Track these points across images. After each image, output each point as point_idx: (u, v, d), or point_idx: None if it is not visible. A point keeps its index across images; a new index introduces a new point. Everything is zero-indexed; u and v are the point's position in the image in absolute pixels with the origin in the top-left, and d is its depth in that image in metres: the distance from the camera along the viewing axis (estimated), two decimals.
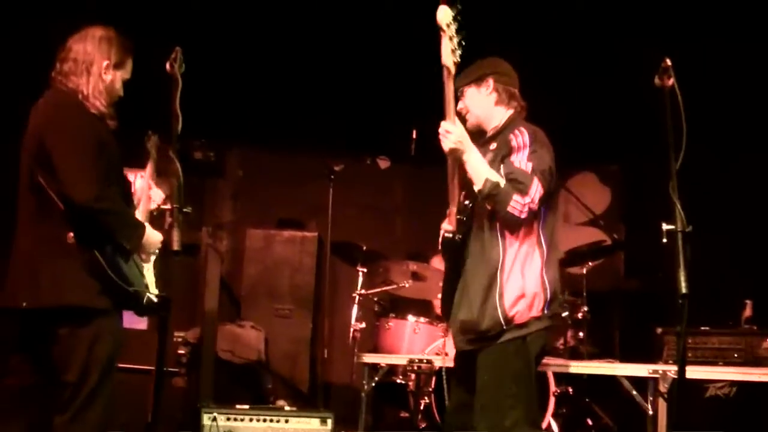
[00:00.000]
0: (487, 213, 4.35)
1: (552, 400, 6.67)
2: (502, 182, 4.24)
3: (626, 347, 7.80)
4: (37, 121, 4.24)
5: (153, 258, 4.61)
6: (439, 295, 4.83)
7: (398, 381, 7.15)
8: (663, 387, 5.82)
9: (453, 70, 4.30)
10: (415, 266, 7.42)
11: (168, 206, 4.19)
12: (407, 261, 7.54)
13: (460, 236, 4.51)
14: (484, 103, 4.66)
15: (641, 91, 4.39)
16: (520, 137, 4.37)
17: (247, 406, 5.97)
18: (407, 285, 7.36)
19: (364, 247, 7.45)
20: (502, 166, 4.32)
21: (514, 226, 4.29)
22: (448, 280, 4.64)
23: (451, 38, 4.24)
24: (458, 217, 4.54)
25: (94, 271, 4.12)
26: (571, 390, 7.04)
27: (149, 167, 4.90)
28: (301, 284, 8.35)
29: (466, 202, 4.52)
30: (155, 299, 4.49)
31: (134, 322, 6.80)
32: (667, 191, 3.91)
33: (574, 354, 7.02)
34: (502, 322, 4.25)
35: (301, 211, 9.00)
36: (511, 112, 4.63)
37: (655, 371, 5.81)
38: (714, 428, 5.65)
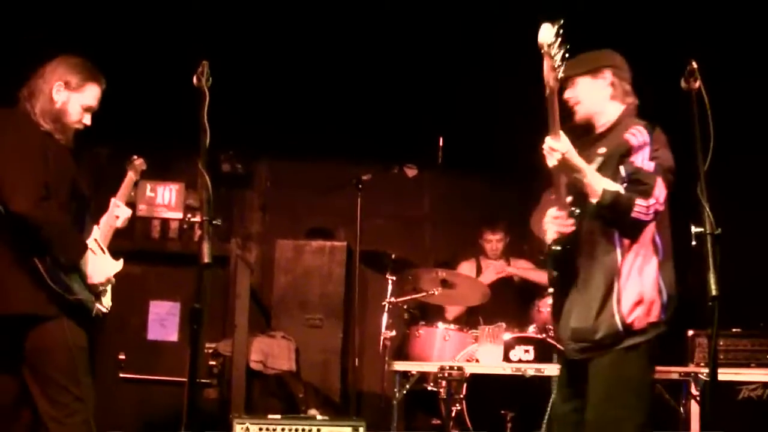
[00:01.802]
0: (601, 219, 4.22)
1: None
2: (621, 189, 4.10)
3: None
4: None
5: (111, 269, 4.65)
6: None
7: (429, 388, 7.14)
8: (695, 389, 5.81)
9: (555, 87, 4.12)
10: (444, 273, 7.41)
11: (197, 219, 4.23)
12: (436, 268, 7.53)
13: (569, 246, 4.36)
14: (599, 97, 4.48)
15: (664, 92, 4.38)
16: (640, 135, 4.20)
17: (279, 416, 5.99)
18: (436, 292, 7.35)
19: (393, 256, 7.45)
20: (621, 167, 4.18)
21: (634, 230, 4.16)
22: (558, 289, 4.52)
23: (552, 56, 4.02)
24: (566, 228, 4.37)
25: (35, 279, 4.18)
26: None
27: (122, 187, 4.95)
28: (331, 294, 8.35)
29: (573, 209, 4.36)
30: (105, 311, 4.54)
31: (165, 334, 6.86)
32: (694, 192, 3.92)
33: None
34: (621, 329, 4.12)
35: (329, 221, 9.01)
36: (623, 108, 4.45)
37: (687, 374, 5.79)
38: (747, 430, 5.64)
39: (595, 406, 4.16)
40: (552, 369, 6.44)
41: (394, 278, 7.45)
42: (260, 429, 5.82)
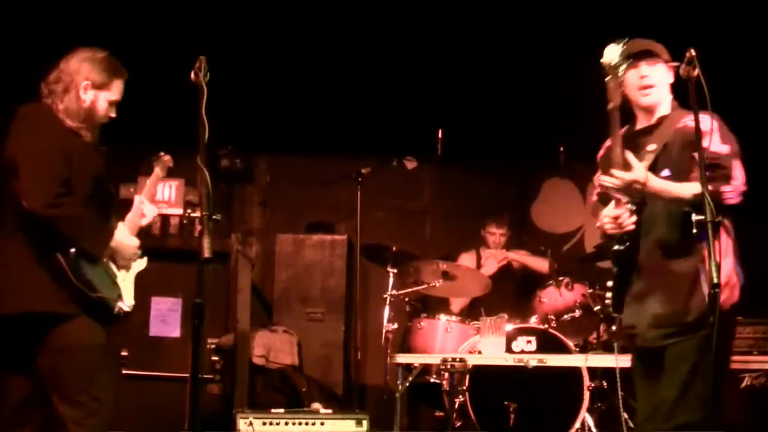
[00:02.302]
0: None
1: (587, 395, 6.66)
2: (697, 187, 3.97)
3: None
4: (11, 133, 4.33)
5: (135, 266, 4.65)
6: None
7: (432, 380, 7.15)
8: None
9: (619, 103, 4.13)
10: (445, 265, 7.41)
11: (197, 214, 4.22)
12: (437, 260, 7.53)
13: (629, 242, 4.33)
14: (666, 89, 4.43)
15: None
16: (705, 122, 4.12)
17: (282, 410, 6.00)
18: (438, 284, 7.35)
19: (394, 248, 7.46)
20: (695, 154, 4.08)
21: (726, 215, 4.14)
22: (618, 283, 4.45)
23: (618, 75, 4.05)
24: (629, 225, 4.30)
25: (57, 276, 4.17)
26: (605, 384, 7.03)
27: (148, 184, 4.94)
28: (333, 287, 8.36)
29: (631, 206, 4.30)
30: (127, 309, 4.53)
31: (167, 330, 6.85)
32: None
33: (607, 348, 7.00)
34: (709, 308, 3.97)
35: (329, 215, 9.02)
36: (671, 100, 4.45)
37: None
38: (750, 418, 5.64)
39: (684, 383, 4.09)
40: (555, 359, 6.44)
41: (395, 271, 7.46)
42: (263, 423, 5.84)
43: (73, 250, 4.20)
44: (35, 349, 4.23)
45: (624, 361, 6.37)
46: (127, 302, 4.53)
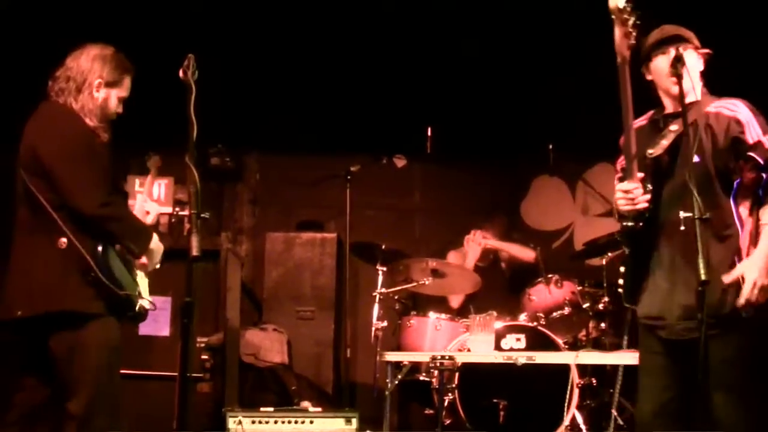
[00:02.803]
0: (711, 184, 4.05)
1: (576, 393, 6.68)
2: None
3: None
4: (31, 131, 4.33)
5: (155, 265, 4.67)
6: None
7: (422, 378, 7.16)
8: None
9: (628, 56, 3.95)
10: (434, 263, 7.41)
11: (186, 213, 4.24)
12: (427, 258, 7.53)
13: (642, 224, 4.21)
14: (697, 75, 4.30)
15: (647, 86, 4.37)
16: (740, 110, 4.11)
17: (272, 409, 5.99)
18: (427, 282, 7.35)
19: (384, 246, 7.46)
20: (752, 152, 4.04)
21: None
22: (632, 267, 4.37)
23: (624, 21, 3.84)
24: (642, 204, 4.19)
25: (86, 275, 4.18)
26: (595, 382, 7.05)
27: (146, 183, 4.96)
28: (323, 286, 8.36)
29: (648, 185, 4.18)
30: (148, 306, 4.54)
31: (157, 329, 6.85)
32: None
33: (597, 345, 7.02)
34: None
35: (319, 213, 9.02)
36: (701, 87, 4.31)
37: None
38: None
39: (739, 387, 3.97)
40: (544, 357, 6.45)
41: (384, 269, 7.46)
42: (253, 422, 5.83)
43: (100, 247, 4.21)
44: (57, 347, 4.24)
45: (614, 359, 6.43)
46: (146, 299, 4.56)
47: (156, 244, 4.60)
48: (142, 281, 4.61)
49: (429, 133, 7.54)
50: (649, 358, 4.35)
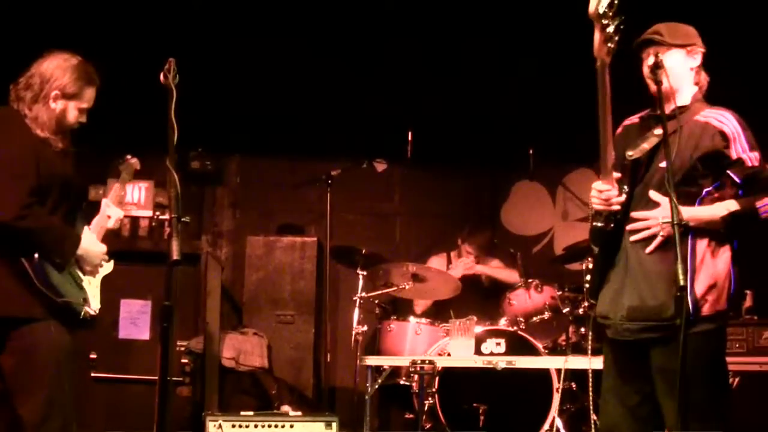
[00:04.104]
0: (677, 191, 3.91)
1: (556, 397, 6.69)
2: (732, 205, 3.98)
3: None
4: None
5: (102, 270, 4.65)
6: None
7: (402, 382, 7.17)
8: None
9: (608, 61, 3.83)
10: (414, 268, 7.42)
11: (166, 216, 4.23)
12: (407, 263, 7.54)
13: (613, 225, 4.14)
14: (685, 76, 4.21)
15: (639, 84, 4.35)
16: (728, 123, 4.05)
17: (251, 413, 5.99)
18: (407, 287, 7.36)
19: (364, 251, 7.46)
20: (730, 170, 4.01)
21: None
22: (598, 266, 4.31)
23: (604, 27, 3.71)
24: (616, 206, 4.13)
25: (22, 280, 4.16)
26: (574, 386, 7.06)
27: (115, 187, 4.92)
28: (303, 290, 8.35)
29: (623, 187, 4.13)
30: (93, 313, 4.52)
31: (136, 333, 6.83)
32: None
33: (577, 350, 7.03)
34: (691, 311, 3.85)
35: (300, 217, 9.02)
36: (695, 90, 4.24)
37: None
38: None
39: (682, 395, 3.72)
40: (524, 361, 6.46)
41: (365, 273, 7.46)
42: (233, 426, 5.82)
43: (36, 255, 4.19)
44: (2, 355, 4.22)
45: (596, 363, 6.45)
46: (93, 306, 4.52)
47: (90, 247, 4.51)
48: (92, 287, 4.57)
49: (409, 138, 7.54)
50: (606, 358, 4.33)
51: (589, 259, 7.08)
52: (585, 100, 4.28)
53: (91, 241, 4.53)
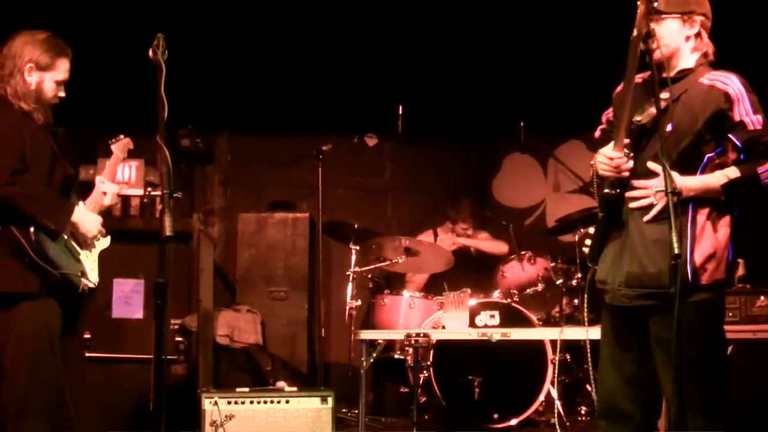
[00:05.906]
0: (680, 156, 3.94)
1: (551, 368, 6.71)
2: (733, 171, 3.93)
3: None
4: None
5: (99, 244, 4.65)
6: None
7: (396, 356, 7.18)
8: None
9: (644, 33, 3.79)
10: (407, 241, 7.42)
11: (158, 193, 4.21)
12: (399, 237, 7.54)
13: (618, 191, 4.11)
14: (682, 42, 4.15)
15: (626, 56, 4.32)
16: (732, 85, 3.99)
17: (247, 389, 5.99)
18: (400, 261, 7.36)
19: (356, 225, 7.46)
20: (731, 133, 3.96)
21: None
22: (600, 230, 4.23)
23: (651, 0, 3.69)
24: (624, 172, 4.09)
25: (17, 254, 4.16)
26: (569, 357, 7.08)
27: (107, 166, 4.93)
28: (295, 266, 8.34)
29: (629, 152, 4.07)
30: (92, 286, 4.53)
31: (130, 312, 6.81)
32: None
33: (571, 321, 7.04)
34: (690, 280, 3.87)
35: (291, 193, 9.01)
36: (698, 55, 4.17)
37: None
38: None
39: (679, 365, 3.66)
40: (519, 333, 6.46)
41: (357, 248, 7.47)
42: (228, 403, 5.82)
43: (32, 229, 4.19)
44: None
45: (598, 333, 6.45)
46: (91, 278, 4.54)
47: (84, 216, 4.56)
48: (89, 260, 4.58)
49: (400, 112, 7.52)
50: (604, 326, 4.32)
51: (582, 230, 7.15)
52: (575, 73, 4.28)
53: (84, 211, 4.55)
